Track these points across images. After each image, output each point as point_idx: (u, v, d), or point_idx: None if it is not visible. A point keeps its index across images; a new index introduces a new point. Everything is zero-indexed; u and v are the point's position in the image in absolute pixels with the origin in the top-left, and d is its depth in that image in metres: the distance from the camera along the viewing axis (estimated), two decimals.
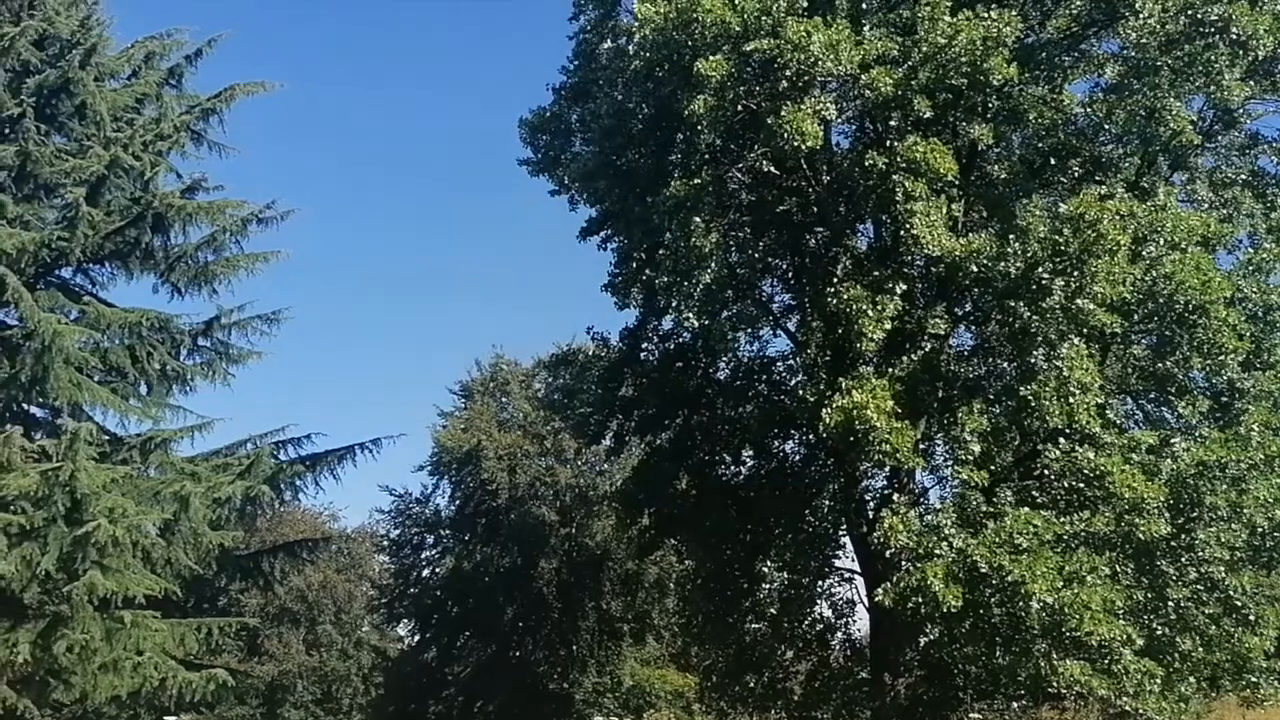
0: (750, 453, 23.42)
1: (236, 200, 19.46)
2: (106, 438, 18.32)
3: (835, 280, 18.31)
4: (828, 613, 23.15)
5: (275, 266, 19.90)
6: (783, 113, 16.62)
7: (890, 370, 17.44)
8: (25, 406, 17.98)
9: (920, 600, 15.75)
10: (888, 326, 16.90)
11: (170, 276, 19.37)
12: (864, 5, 18.35)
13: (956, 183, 17.63)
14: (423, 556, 37.57)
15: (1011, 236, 16.68)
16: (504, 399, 37.52)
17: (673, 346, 22.68)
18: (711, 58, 16.94)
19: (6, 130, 17.87)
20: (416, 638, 37.95)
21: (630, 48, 18.47)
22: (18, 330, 17.14)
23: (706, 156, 19.24)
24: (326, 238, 75.19)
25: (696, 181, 18.16)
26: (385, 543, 39.32)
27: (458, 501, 36.33)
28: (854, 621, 23.08)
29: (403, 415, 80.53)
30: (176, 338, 19.42)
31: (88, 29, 18.43)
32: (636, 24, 17.96)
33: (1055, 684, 15.90)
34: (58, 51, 18.20)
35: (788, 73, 16.80)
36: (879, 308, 16.86)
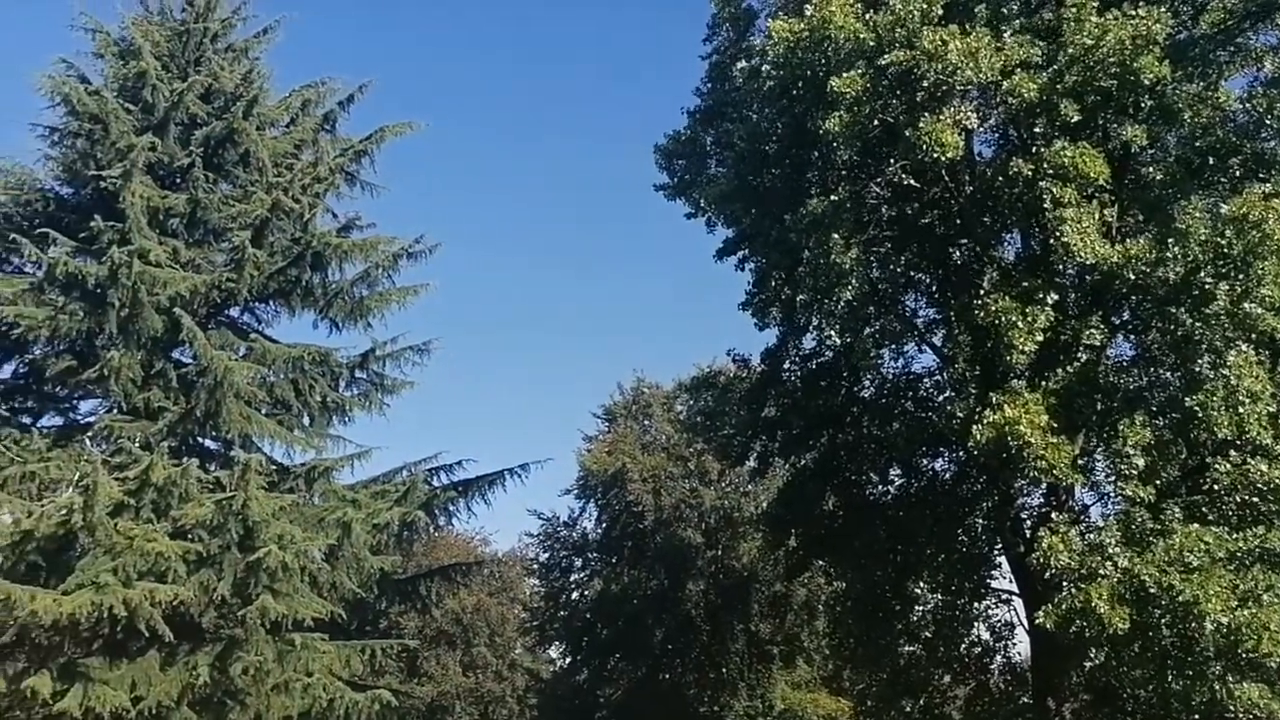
0: (898, 471, 22.94)
1: (387, 236, 20.24)
2: (274, 468, 19.19)
3: (982, 292, 17.82)
4: (986, 635, 22.41)
5: (424, 298, 20.66)
6: (921, 124, 16.34)
7: (1044, 384, 16.85)
8: (200, 440, 19.03)
9: (1084, 622, 15.15)
10: (1039, 338, 16.35)
11: (329, 312, 20.20)
12: (1004, 10, 17.89)
13: (1109, 187, 16.97)
14: (571, 579, 38.08)
15: (1170, 241, 15.93)
16: (647, 422, 37.78)
17: (815, 365, 22.44)
18: (846, 74, 16.79)
19: (178, 180, 19.05)
20: (568, 660, 38.43)
21: (764, 67, 18.47)
22: (192, 368, 18.20)
23: (843, 173, 19.05)
24: (471, 268, 77.38)
25: (834, 198, 17.99)
26: (535, 566, 40.01)
27: (604, 524, 36.72)
28: (1014, 644, 22.29)
29: (547, 439, 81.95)
30: (335, 370, 20.22)
31: (250, 82, 19.55)
32: (770, 43, 17.96)
33: (1232, 709, 15.11)
34: (223, 104, 19.35)
35: (925, 83, 16.52)
36: (1030, 319, 16.33)
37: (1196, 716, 16.26)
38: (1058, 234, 16.17)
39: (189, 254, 18.50)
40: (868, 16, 17.15)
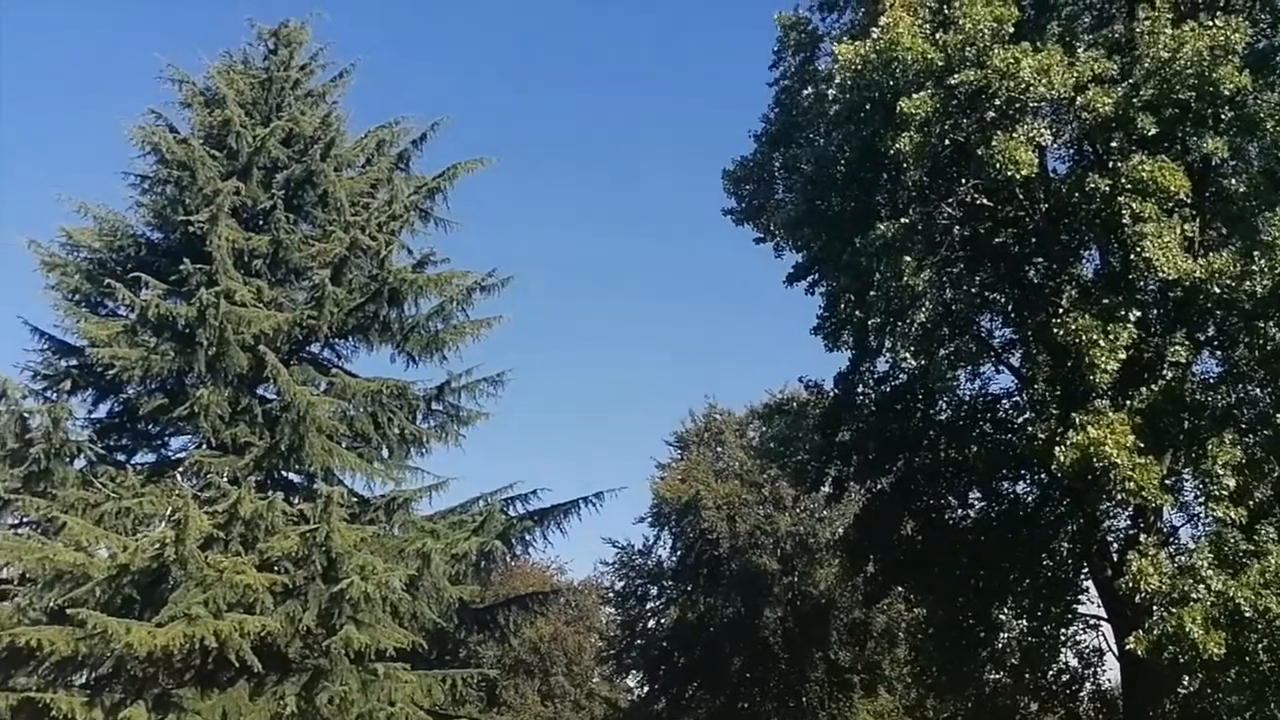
0: (978, 495, 22.59)
1: (461, 271, 20.53)
2: (355, 499, 19.51)
3: (1060, 311, 17.55)
4: (1074, 662, 21.89)
5: (497, 331, 20.93)
6: (994, 143, 16.21)
7: (1128, 403, 16.51)
8: (284, 473, 19.43)
9: (1177, 648, 14.75)
10: (1122, 356, 16.05)
11: (405, 346, 20.53)
12: (1075, 26, 17.71)
13: (1189, 200, 16.65)
14: (647, 607, 38.03)
15: (1256, 253, 15.55)
16: (719, 449, 37.71)
17: (889, 388, 22.24)
18: (915, 95, 16.76)
19: (260, 221, 19.61)
20: (646, 689, 38.29)
21: (830, 91, 18.51)
22: (276, 403, 18.64)
23: (914, 194, 18.94)
24: (542, 298, 78.11)
25: (905, 220, 17.89)
26: (611, 594, 40.04)
27: (679, 552, 36.65)
28: (1103, 671, 21.74)
29: (620, 468, 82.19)
30: (413, 403, 20.52)
31: (328, 125, 20.10)
32: (837, 66, 17.99)
33: None
34: (302, 147, 19.90)
35: (997, 102, 16.42)
36: (1111, 337, 16.03)
37: None
38: (1138, 249, 15.89)
39: (272, 293, 18.98)
40: (936, 36, 17.11)
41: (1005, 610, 21.76)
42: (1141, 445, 15.71)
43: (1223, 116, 16.89)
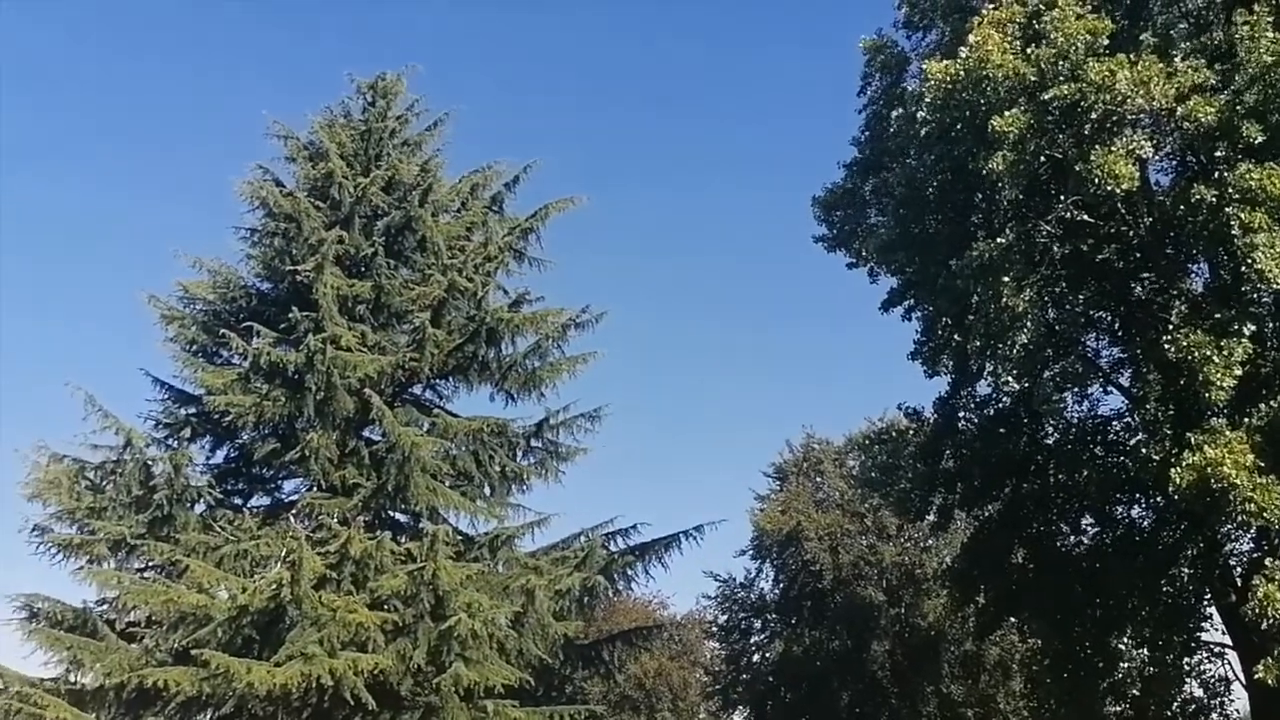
0: (1091, 520, 21.90)
1: (556, 309, 20.82)
2: (459, 537, 19.79)
3: (1170, 327, 17.00)
4: (1199, 692, 21.00)
5: (593, 366, 21.14)
6: (1092, 157, 15.87)
7: (1246, 420, 15.87)
8: (391, 513, 19.86)
9: None
10: (1238, 373, 15.45)
11: (504, 385, 20.85)
12: (1172, 34, 17.26)
13: None
14: (752, 641, 37.62)
15: None
16: (819, 479, 37.29)
17: (992, 413, 21.77)
18: (1008, 112, 16.52)
19: (362, 268, 20.22)
20: None
21: (920, 112, 18.36)
22: (382, 444, 19.11)
23: (1010, 213, 18.61)
24: (634, 332, 78.56)
25: (1002, 240, 17.58)
26: (714, 629, 39.74)
27: (782, 584, 36.24)
28: (1231, 701, 20.79)
29: (718, 500, 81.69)
30: (513, 441, 20.79)
31: (426, 172, 20.72)
32: (926, 86, 17.86)
33: None
34: (401, 194, 20.54)
35: (1093, 116, 16.09)
36: (1226, 353, 15.46)
37: None
38: (1249, 261, 15.33)
39: (375, 337, 19.51)
40: (1027, 52, 16.87)
41: (1124, 639, 21.00)
42: (1262, 465, 15.07)
43: None
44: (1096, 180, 15.81)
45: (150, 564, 18.25)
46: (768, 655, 36.84)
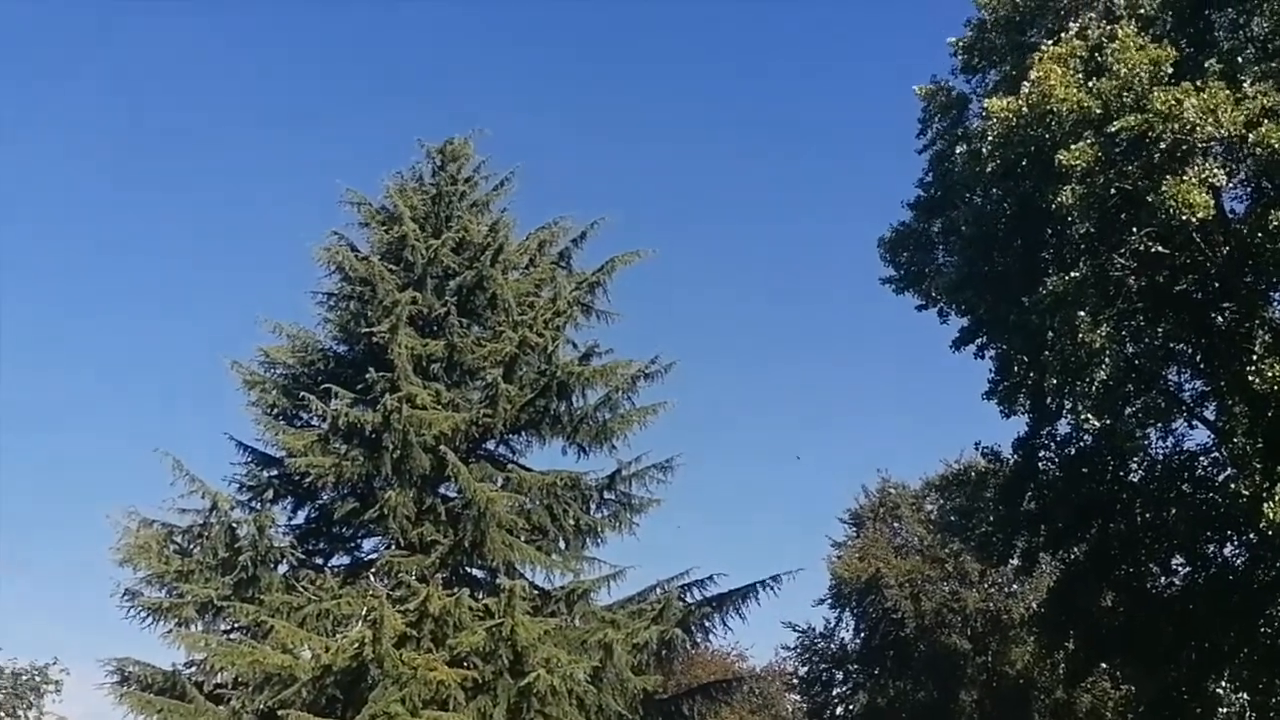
0: (1182, 560, 21.22)
1: (625, 360, 20.97)
2: (536, 592, 19.85)
3: (1254, 357, 16.56)
4: None
5: (663, 416, 21.16)
6: (1164, 188, 15.64)
7: None
8: (468, 569, 20.01)
9: None
10: None
11: (575, 438, 20.98)
12: (1238, 60, 17.01)
13: None
14: (834, 693, 36.88)
15: None
16: (897, 524, 36.68)
17: (1073, 451, 21.30)
18: (1074, 145, 16.38)
19: (435, 327, 20.62)
20: None
21: (984, 149, 18.29)
22: (458, 501, 19.33)
23: (1082, 247, 18.35)
24: (703, 379, 78.43)
25: (1075, 274, 17.33)
26: (795, 680, 39.04)
27: (863, 633, 35.55)
28: None
29: (793, 548, 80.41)
30: (585, 493, 20.86)
31: (495, 231, 21.16)
32: (988, 123, 17.79)
33: None
34: (472, 254, 20.98)
35: (1162, 145, 15.89)
36: None
37: None
38: None
39: (449, 394, 19.82)
40: (1090, 84, 16.74)
41: (1222, 683, 20.31)
42: None
43: None
44: (1170, 210, 15.57)
45: (236, 625, 18.59)
46: (851, 708, 36.05)
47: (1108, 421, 18.19)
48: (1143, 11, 17.60)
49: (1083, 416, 18.06)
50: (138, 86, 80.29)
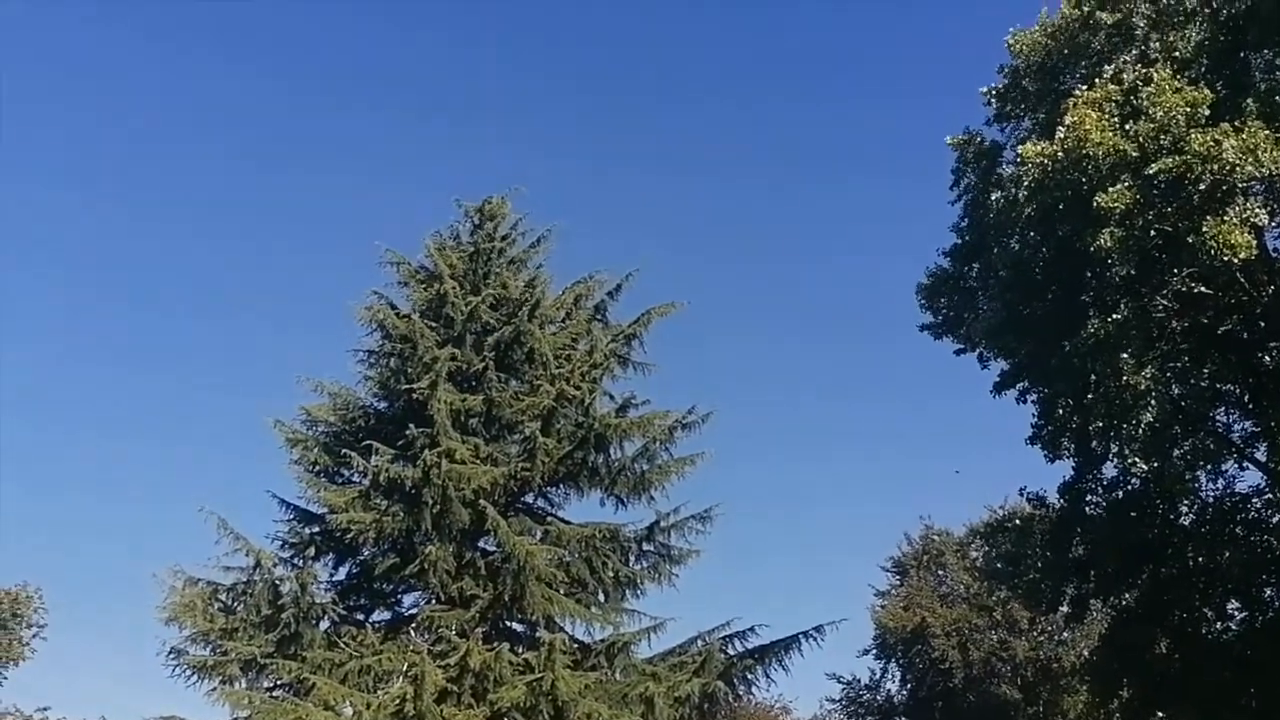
0: (1237, 604, 20.76)
1: (662, 411, 20.93)
2: (576, 646, 19.70)
3: None
4: None
5: (701, 467, 21.07)
6: (1204, 229, 15.52)
7: None
8: (508, 623, 19.93)
9: None
10: None
11: (614, 489, 20.93)
12: (1276, 99, 16.90)
13: None
14: None
15: None
16: (941, 572, 36.16)
17: (1121, 495, 20.96)
18: (1111, 189, 16.31)
19: (473, 382, 20.73)
20: None
21: (1020, 194, 18.25)
22: (497, 555, 19.31)
23: (1122, 289, 18.21)
24: (741, 427, 78.15)
25: (1116, 317, 17.20)
26: None
27: (909, 684, 34.94)
28: None
29: (835, 597, 79.54)
30: (624, 545, 20.76)
31: (532, 287, 21.32)
32: (1024, 169, 17.76)
33: None
34: (509, 310, 21.14)
35: (1201, 186, 15.79)
36: None
37: None
38: None
39: (488, 449, 19.86)
40: (1126, 128, 16.70)
41: None
42: None
43: None
44: (1211, 251, 15.45)
45: (279, 682, 18.59)
46: None
47: (1155, 464, 17.94)
48: (1178, 55, 17.58)
49: (1130, 459, 17.81)
50: (178, 133, 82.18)
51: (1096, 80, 17.74)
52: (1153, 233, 16.68)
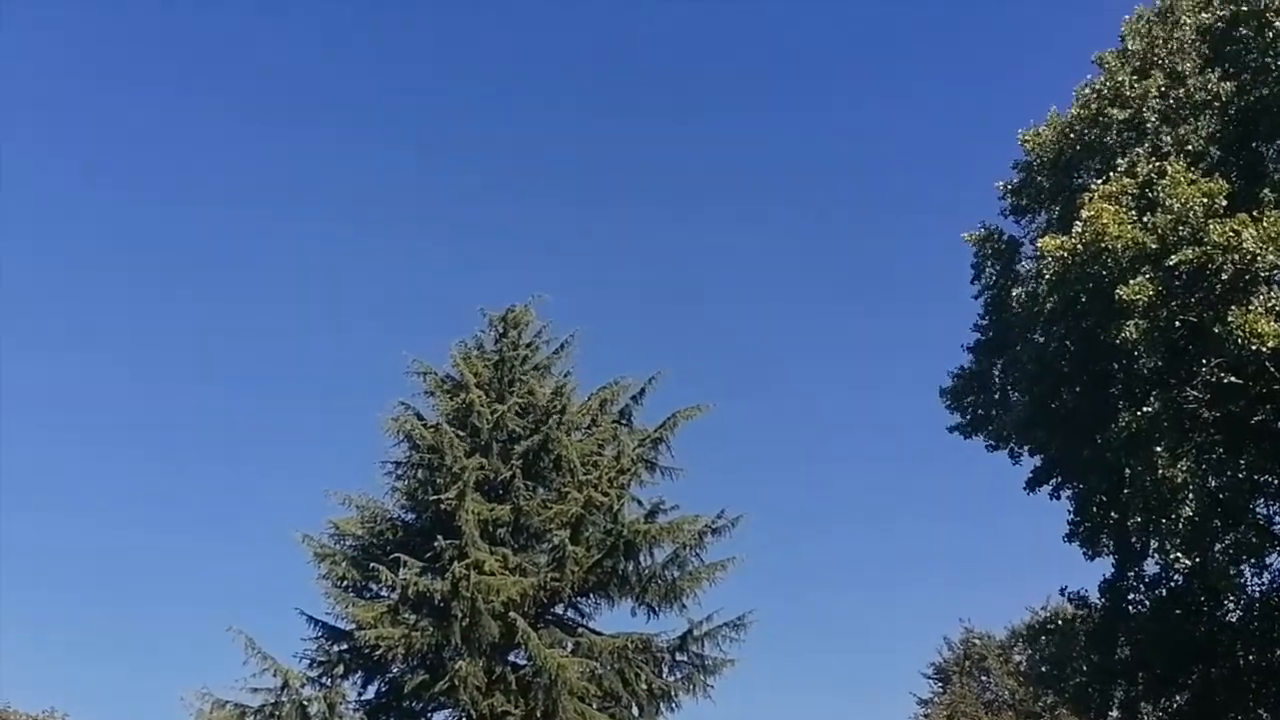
0: None
1: (691, 516, 20.76)
2: None
3: None
4: None
5: (733, 572, 20.76)
6: (1230, 318, 15.49)
7: None
8: None
9: None
10: None
11: (645, 597, 20.63)
12: None
13: None
14: None
15: None
16: (985, 677, 35.15)
17: (1164, 592, 20.42)
18: (1132, 281, 16.34)
19: (500, 491, 20.68)
20: None
21: (1041, 288, 18.30)
22: (528, 669, 18.98)
23: (1151, 381, 18.07)
24: (773, 534, 77.13)
25: (1147, 409, 17.03)
26: None
27: None
28: None
29: (874, 705, 77.14)
30: (657, 656, 20.39)
31: (559, 394, 21.41)
32: (1044, 263, 17.85)
33: None
34: (535, 417, 21.19)
35: (1223, 276, 15.83)
36: None
37: None
38: None
39: (516, 559, 19.69)
40: (1144, 220, 16.81)
41: None
42: None
43: None
44: (1239, 341, 15.38)
45: None
46: None
47: (1197, 559, 17.57)
48: (1190, 147, 17.80)
49: (1171, 555, 17.46)
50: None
51: (1111, 174, 17.94)
52: (1178, 323, 16.64)
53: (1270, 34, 17.24)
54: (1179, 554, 17.29)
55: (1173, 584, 20.12)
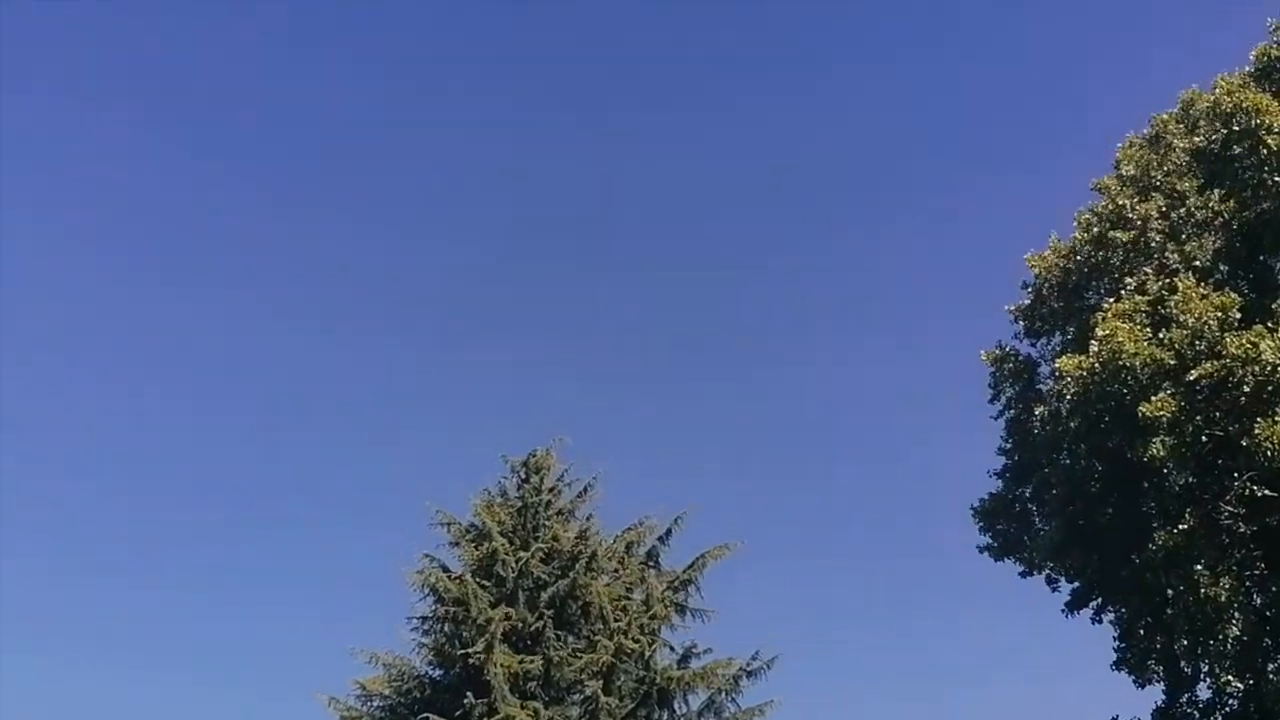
0: None
1: (725, 659, 20.26)
2: None
3: None
4: None
5: (772, 717, 20.10)
6: (1256, 431, 15.40)
7: None
8: None
9: None
10: None
11: None
12: None
13: None
14: None
15: None
16: None
17: (1219, 718, 19.62)
18: (1154, 398, 16.34)
19: (529, 641, 20.22)
20: None
21: (1063, 409, 18.27)
22: None
23: (1183, 498, 17.85)
24: (807, 664, 74.71)
25: (1182, 527, 16.76)
26: None
27: None
28: None
29: None
30: None
31: (584, 539, 21.17)
32: (1063, 383, 17.87)
33: None
34: (561, 563, 20.88)
35: (1245, 389, 15.80)
36: None
37: None
38: None
39: (548, 714, 19.08)
40: (1159, 336, 16.90)
41: None
42: None
43: None
44: (1268, 453, 15.29)
45: None
46: None
47: (1251, 682, 16.97)
48: (1198, 263, 18.04)
49: (1223, 679, 16.97)
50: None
51: (1122, 292, 18.13)
52: (1204, 438, 16.56)
53: (1264, 151, 17.66)
54: (1230, 676, 16.77)
55: (1227, 709, 19.35)
